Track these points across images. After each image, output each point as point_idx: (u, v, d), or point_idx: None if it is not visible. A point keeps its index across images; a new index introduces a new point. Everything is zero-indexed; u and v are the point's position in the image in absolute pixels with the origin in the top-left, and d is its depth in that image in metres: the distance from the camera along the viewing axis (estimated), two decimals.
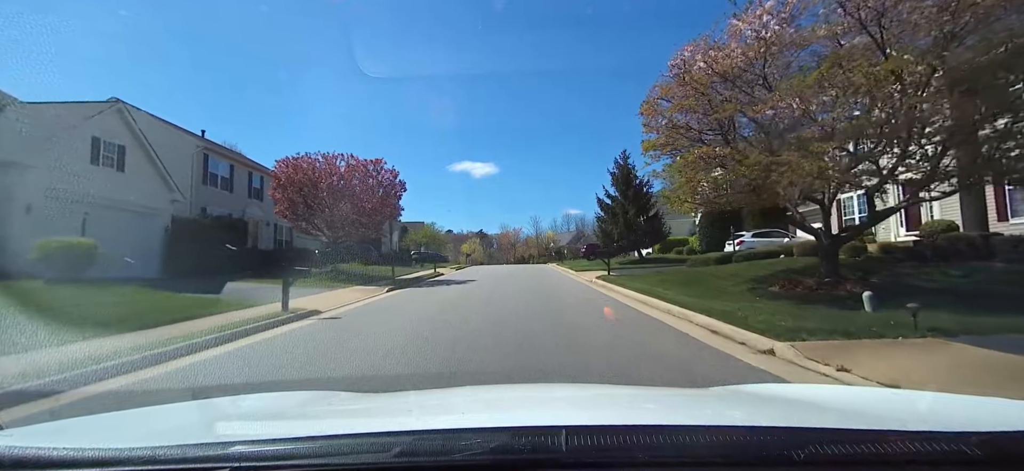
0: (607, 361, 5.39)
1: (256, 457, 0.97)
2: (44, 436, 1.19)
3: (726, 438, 1.04)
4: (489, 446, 0.96)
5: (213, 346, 6.49)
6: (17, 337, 5.81)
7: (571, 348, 6.10)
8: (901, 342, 5.63)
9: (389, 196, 23.73)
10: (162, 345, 5.89)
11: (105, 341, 5.99)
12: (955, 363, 4.72)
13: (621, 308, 10.43)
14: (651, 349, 6.13)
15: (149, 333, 6.75)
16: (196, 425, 1.45)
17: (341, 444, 1.01)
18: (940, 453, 0.93)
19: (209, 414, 1.60)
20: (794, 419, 1.31)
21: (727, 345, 6.20)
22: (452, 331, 7.56)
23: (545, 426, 1.05)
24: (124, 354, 5.23)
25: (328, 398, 2.01)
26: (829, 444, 0.95)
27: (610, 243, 31.85)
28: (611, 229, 31.07)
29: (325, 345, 6.75)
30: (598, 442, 0.99)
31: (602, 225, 32.47)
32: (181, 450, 0.98)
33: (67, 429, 1.38)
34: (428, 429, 1.14)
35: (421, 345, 6.49)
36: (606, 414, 1.52)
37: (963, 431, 0.97)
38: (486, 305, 11.16)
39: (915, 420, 1.31)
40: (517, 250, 72.72)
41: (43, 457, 0.97)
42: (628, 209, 30.46)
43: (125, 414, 1.66)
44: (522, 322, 8.31)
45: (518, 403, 1.89)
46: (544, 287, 16.08)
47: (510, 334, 7.13)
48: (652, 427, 1.08)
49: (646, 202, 31.17)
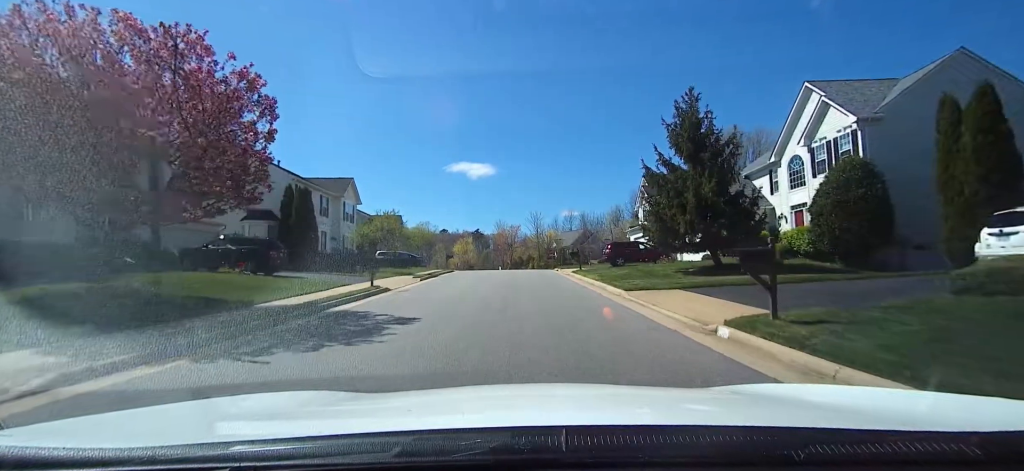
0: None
1: (257, 457, 0.97)
2: (45, 435, 1.21)
3: (726, 438, 1.03)
4: (489, 446, 0.96)
5: None
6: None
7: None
8: None
9: (231, 111, 10.50)
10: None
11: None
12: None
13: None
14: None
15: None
16: (197, 425, 1.43)
17: (342, 444, 1.02)
18: (940, 453, 0.93)
19: (210, 414, 1.59)
20: (794, 419, 1.30)
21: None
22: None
23: (545, 426, 1.06)
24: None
25: (329, 398, 1.98)
26: (829, 444, 0.94)
27: (667, 238, 18.60)
28: (669, 214, 18.72)
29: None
30: (599, 442, 0.99)
31: (653, 207, 19.33)
32: (182, 450, 0.99)
33: (68, 429, 1.40)
34: (428, 429, 1.15)
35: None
36: (607, 414, 1.51)
37: (963, 431, 0.97)
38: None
39: (915, 420, 1.30)
40: (515, 251, 65.92)
41: (44, 457, 0.98)
42: (702, 182, 17.40)
43: (126, 413, 1.66)
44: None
45: (518, 403, 1.89)
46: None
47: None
48: (652, 427, 1.08)
49: (729, 173, 18.14)
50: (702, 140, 18.87)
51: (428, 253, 53.35)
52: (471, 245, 64.77)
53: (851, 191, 17.79)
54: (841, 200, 17.90)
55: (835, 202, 18.09)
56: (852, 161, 18.90)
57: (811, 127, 23.03)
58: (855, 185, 17.83)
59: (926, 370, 4.13)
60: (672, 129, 19.62)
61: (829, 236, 18.15)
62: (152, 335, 6.69)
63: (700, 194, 17.42)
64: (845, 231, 17.70)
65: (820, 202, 18.70)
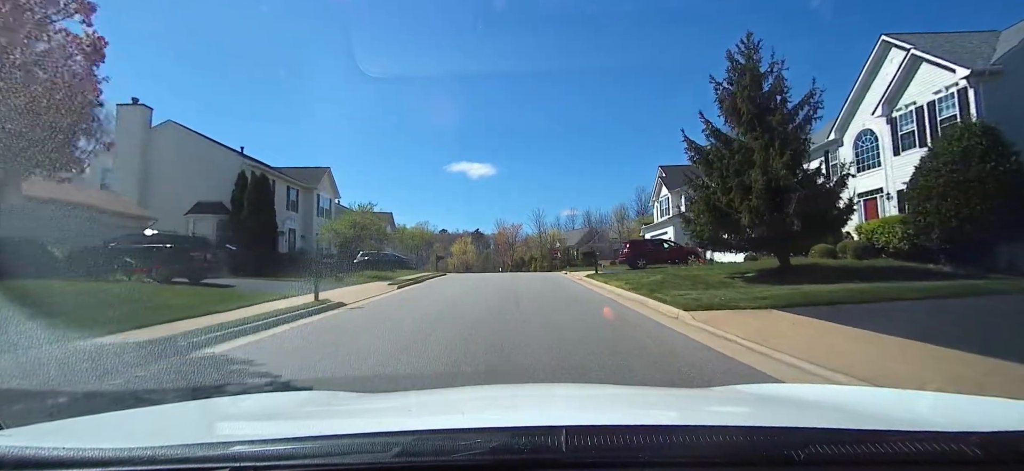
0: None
1: (257, 457, 1.01)
2: (45, 435, 1.26)
3: (726, 438, 1.07)
4: (489, 446, 0.99)
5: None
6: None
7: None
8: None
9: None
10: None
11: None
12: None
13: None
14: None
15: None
16: (196, 425, 1.48)
17: (341, 444, 1.06)
18: (940, 453, 0.97)
19: (209, 414, 1.63)
20: (794, 419, 1.36)
21: None
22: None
23: (545, 426, 1.10)
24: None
25: (329, 398, 2.01)
26: (829, 444, 0.98)
27: (720, 231, 13.13)
28: (725, 201, 15.13)
29: None
30: (599, 442, 1.03)
31: (702, 193, 14.24)
32: (182, 450, 1.03)
33: (68, 428, 1.46)
34: (428, 429, 1.19)
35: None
36: (607, 414, 1.56)
37: (963, 431, 1.02)
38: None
39: (915, 420, 1.36)
40: (516, 251, 64.22)
41: (44, 457, 1.02)
42: (771, 156, 12.19)
43: (126, 413, 1.75)
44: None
45: (518, 403, 1.92)
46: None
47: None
48: (653, 427, 1.12)
49: (803, 144, 13.15)
50: (766, 101, 13.92)
51: (426, 254, 52.78)
52: (470, 245, 63.76)
53: (973, 167, 12.76)
54: (958, 180, 14.85)
55: (949, 182, 13.24)
56: (968, 128, 14.81)
57: (892, 92, 18.43)
58: (977, 159, 12.92)
59: None
60: (723, 90, 14.67)
61: (940, 227, 13.08)
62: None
63: (770, 172, 12.32)
64: (963, 221, 14.27)
65: (924, 183, 14.08)
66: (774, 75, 15.61)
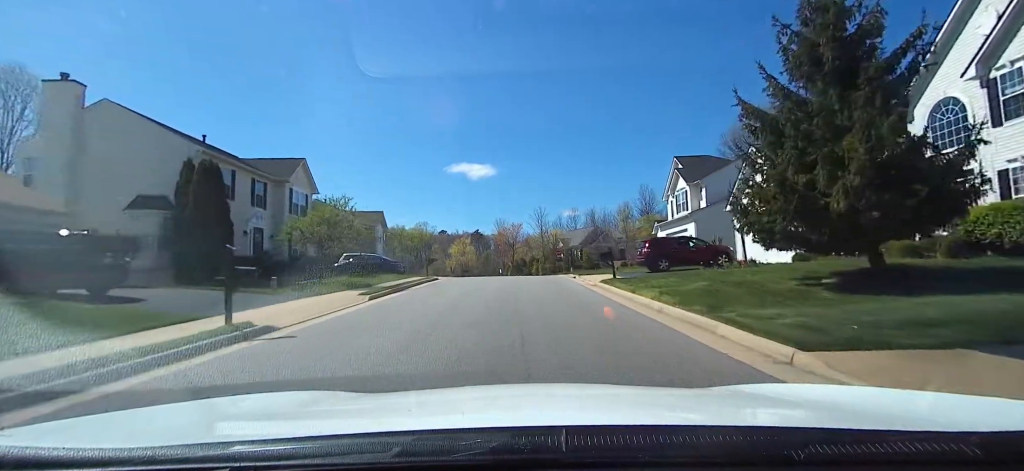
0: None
1: (257, 457, 1.01)
2: (45, 435, 1.25)
3: (726, 438, 1.07)
4: (489, 445, 0.99)
5: None
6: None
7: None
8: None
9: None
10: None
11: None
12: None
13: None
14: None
15: None
16: (196, 425, 1.48)
17: (341, 444, 1.05)
18: (940, 453, 0.95)
19: (209, 414, 1.63)
20: (794, 419, 1.35)
21: None
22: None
23: (546, 426, 1.09)
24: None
25: (329, 398, 2.02)
26: (829, 444, 0.98)
27: (795, 221, 10.42)
28: (805, 179, 10.62)
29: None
30: (599, 442, 1.02)
31: (769, 170, 10.03)
32: (182, 450, 1.03)
33: (68, 429, 1.45)
34: (428, 429, 1.19)
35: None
36: (607, 414, 1.55)
37: (963, 431, 1.01)
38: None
39: (915, 420, 1.33)
40: (516, 252, 61.63)
41: (44, 457, 1.01)
42: (874, 118, 7.81)
43: (125, 414, 1.70)
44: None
45: (519, 402, 1.91)
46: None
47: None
48: (653, 427, 1.11)
49: (904, 104, 8.83)
50: (854, 47, 10.00)
51: (426, 255, 50.81)
52: (469, 246, 61.75)
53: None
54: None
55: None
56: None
57: (991, 48, 14.10)
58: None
59: None
60: (793, 34, 10.73)
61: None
62: None
63: (874, 139, 8.48)
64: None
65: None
66: (863, 10, 11.10)
